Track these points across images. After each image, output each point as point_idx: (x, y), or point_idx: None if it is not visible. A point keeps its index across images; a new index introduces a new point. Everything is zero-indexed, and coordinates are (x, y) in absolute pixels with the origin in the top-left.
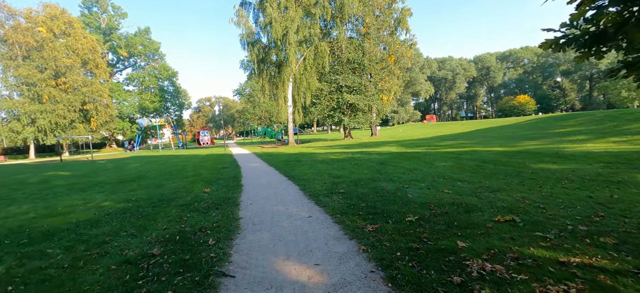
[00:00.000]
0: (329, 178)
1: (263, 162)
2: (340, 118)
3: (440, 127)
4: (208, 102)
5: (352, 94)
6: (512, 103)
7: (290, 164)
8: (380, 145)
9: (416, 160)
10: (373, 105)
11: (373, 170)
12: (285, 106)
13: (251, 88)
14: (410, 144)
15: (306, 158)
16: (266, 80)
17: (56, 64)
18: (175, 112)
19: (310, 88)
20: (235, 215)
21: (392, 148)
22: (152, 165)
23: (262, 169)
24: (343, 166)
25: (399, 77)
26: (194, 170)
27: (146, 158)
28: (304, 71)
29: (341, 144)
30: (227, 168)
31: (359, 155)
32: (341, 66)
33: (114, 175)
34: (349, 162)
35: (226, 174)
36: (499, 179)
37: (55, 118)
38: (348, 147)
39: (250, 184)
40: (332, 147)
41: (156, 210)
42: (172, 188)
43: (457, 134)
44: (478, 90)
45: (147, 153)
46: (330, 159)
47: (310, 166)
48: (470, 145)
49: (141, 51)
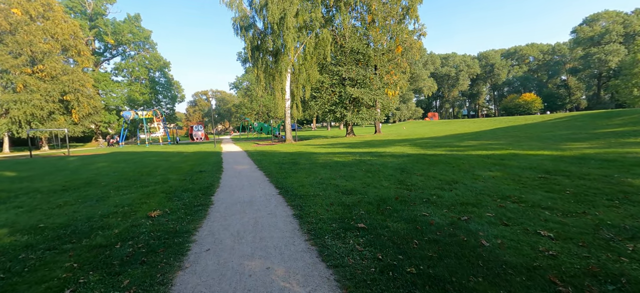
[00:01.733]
0: (336, 195)
1: (253, 163)
2: (343, 113)
3: (447, 124)
4: (204, 96)
5: (356, 87)
6: (517, 101)
7: (284, 169)
8: (389, 144)
9: (448, 167)
10: (378, 100)
11: (395, 182)
12: (283, 100)
13: (248, 81)
14: (426, 144)
15: (304, 159)
16: (262, 70)
17: (32, 49)
18: (166, 104)
19: (310, 80)
20: (164, 282)
21: (407, 149)
22: (120, 164)
23: (249, 175)
24: (352, 174)
25: (405, 71)
26: (163, 175)
27: (122, 156)
28: (304, 61)
29: (344, 142)
30: (205, 173)
31: (369, 157)
32: (344, 56)
33: (62, 180)
34: (358, 167)
35: (200, 182)
36: (604, 206)
37: (31, 109)
38: (352, 146)
39: (224, 202)
40: (334, 145)
41: (34, 265)
42: (113, 205)
43: (472, 132)
44: (481, 87)
45: (129, 149)
46: (334, 162)
47: (309, 172)
48: (501, 147)
49: (130, 39)
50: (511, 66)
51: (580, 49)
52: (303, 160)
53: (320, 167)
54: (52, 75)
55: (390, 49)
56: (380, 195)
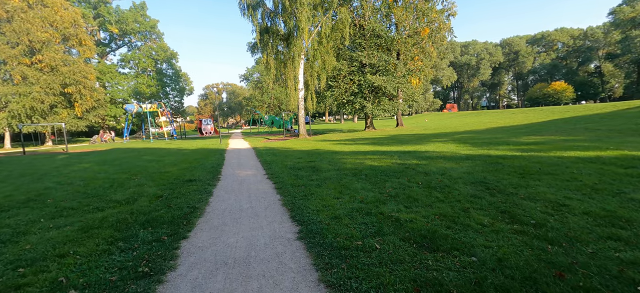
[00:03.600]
0: (409, 251)
1: (260, 167)
2: (362, 104)
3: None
4: (215, 89)
5: (378, 74)
6: (545, 90)
7: (301, 178)
8: (424, 140)
9: (556, 180)
10: (402, 89)
11: (494, 212)
12: (295, 90)
13: (259, 73)
14: (473, 141)
15: (326, 162)
16: (272, 56)
17: (29, 39)
18: (174, 97)
19: (326, 67)
20: None
21: (453, 147)
22: (104, 166)
23: (253, 190)
24: (407, 191)
25: (431, 57)
26: (138, 187)
27: (115, 154)
28: (319, 46)
29: (365, 137)
30: (194, 185)
31: (413, 160)
32: (364, 40)
33: (9, 190)
34: (409, 179)
35: (179, 203)
36: None
37: (31, 102)
38: (379, 143)
39: (199, 262)
40: (356, 141)
41: None
42: (8, 261)
43: (521, 126)
44: (503, 77)
45: (130, 145)
46: (368, 168)
47: (338, 186)
48: (593, 146)
49: (135, 29)
50: (537, 53)
51: (618, 32)
52: (325, 163)
53: (351, 176)
54: (52, 66)
55: (416, 31)
56: (503, 256)
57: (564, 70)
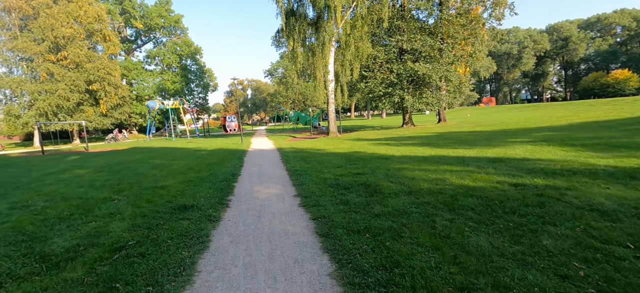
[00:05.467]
0: None
1: (288, 180)
2: (402, 97)
3: (526, 110)
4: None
5: (420, 61)
6: (604, 80)
7: (353, 206)
8: (493, 139)
9: None
10: (451, 78)
11: None
12: (325, 81)
13: (284, 67)
14: (572, 140)
15: (381, 175)
16: (299, 42)
17: (54, 34)
18: (198, 93)
19: (360, 55)
20: None
21: (560, 151)
22: (99, 174)
23: (277, 235)
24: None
25: (482, 40)
26: (100, 225)
27: (124, 156)
28: (352, 30)
29: (409, 135)
30: (189, 217)
31: (526, 178)
32: (405, 22)
33: None
34: (572, 223)
35: (136, 279)
36: None
37: (56, 100)
38: (433, 144)
39: None
40: (402, 141)
41: None
42: None
43: (601, 121)
44: (548, 66)
45: (149, 144)
46: (460, 190)
47: (431, 235)
48: None
49: (160, 24)
50: (591, 39)
51: None
52: (380, 176)
53: (447, 211)
54: (77, 63)
55: (466, 9)
56: None
57: (623, 58)
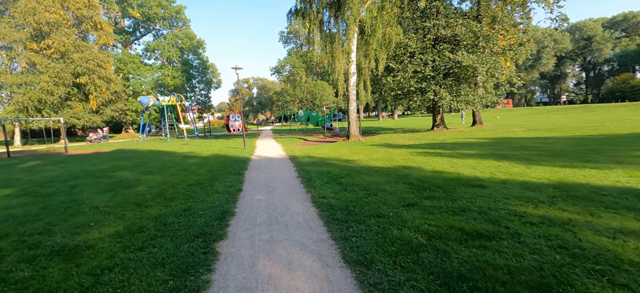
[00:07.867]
0: None
1: (327, 239)
2: (437, 94)
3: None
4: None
5: (462, 50)
6: (633, 82)
7: None
8: (589, 153)
9: None
10: (494, 73)
11: None
12: (345, 73)
13: (291, 64)
14: None
15: (512, 233)
16: (316, 24)
17: (36, 20)
18: (201, 90)
19: (388, 42)
20: None
21: None
22: (47, 189)
23: None
24: None
25: (526, 30)
26: None
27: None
28: (378, 12)
29: (458, 141)
30: None
31: None
32: (442, 4)
33: None
34: None
35: None
36: None
37: (38, 94)
38: (501, 154)
39: None
40: (455, 150)
41: None
42: None
43: None
44: (567, 67)
45: (139, 146)
46: None
47: None
48: None
49: (160, 14)
50: (617, 39)
51: None
52: (527, 237)
53: None
54: (62, 52)
55: None
56: None
57: None
